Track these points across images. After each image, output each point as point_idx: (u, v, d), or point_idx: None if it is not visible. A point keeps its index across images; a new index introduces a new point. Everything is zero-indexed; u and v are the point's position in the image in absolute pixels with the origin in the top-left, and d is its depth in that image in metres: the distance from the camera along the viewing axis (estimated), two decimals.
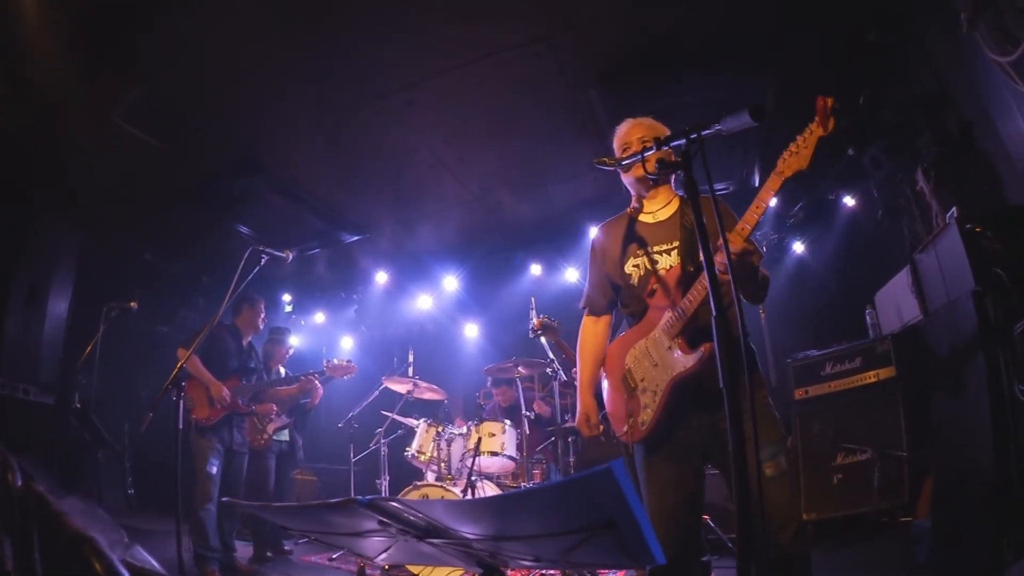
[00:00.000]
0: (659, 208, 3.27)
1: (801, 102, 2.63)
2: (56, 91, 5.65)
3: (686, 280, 2.93)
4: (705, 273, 2.23)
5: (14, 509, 1.31)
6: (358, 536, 1.90)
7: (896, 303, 5.93)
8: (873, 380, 5.68)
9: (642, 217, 3.32)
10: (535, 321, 5.40)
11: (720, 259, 2.40)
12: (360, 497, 1.57)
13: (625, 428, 3.13)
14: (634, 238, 3.25)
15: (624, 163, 2.68)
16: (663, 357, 2.98)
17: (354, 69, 5.82)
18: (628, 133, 3.31)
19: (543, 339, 5.54)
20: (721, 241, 2.45)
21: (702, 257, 2.20)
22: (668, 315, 2.97)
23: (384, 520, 1.64)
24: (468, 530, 1.64)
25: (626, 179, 3.35)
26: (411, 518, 1.64)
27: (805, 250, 8.50)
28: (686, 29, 5.57)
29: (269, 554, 6.82)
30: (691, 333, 2.88)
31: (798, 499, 2.75)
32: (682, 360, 2.88)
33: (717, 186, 7.22)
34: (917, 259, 5.11)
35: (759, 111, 2.13)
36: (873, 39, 5.56)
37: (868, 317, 6.50)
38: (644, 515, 1.35)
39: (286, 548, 7.14)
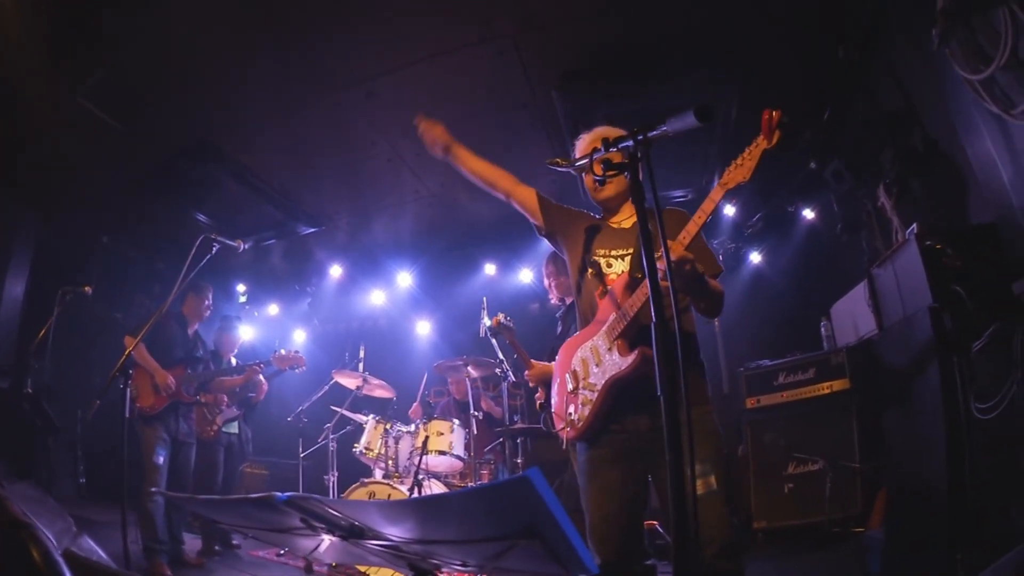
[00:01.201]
0: (626, 217, 3.30)
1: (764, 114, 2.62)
2: (16, 71, 5.56)
3: (633, 286, 2.95)
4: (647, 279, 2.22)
5: None
6: (286, 533, 1.86)
7: (852, 316, 5.98)
8: (827, 392, 5.73)
9: (610, 222, 3.35)
10: (489, 321, 5.38)
11: (662, 266, 2.40)
12: (279, 494, 1.53)
13: (563, 425, 3.17)
14: (596, 239, 3.28)
15: (577, 164, 2.65)
16: (602, 358, 3.01)
17: (316, 59, 5.76)
18: (586, 148, 3.31)
19: (495, 340, 5.53)
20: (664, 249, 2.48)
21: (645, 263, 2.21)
22: (612, 317, 3.00)
23: (306, 519, 1.61)
24: (393, 532, 1.61)
25: (593, 200, 3.42)
26: (333, 518, 1.60)
27: (762, 260, 8.56)
28: (652, 36, 5.56)
29: (217, 547, 6.71)
30: (631, 336, 2.91)
31: (728, 517, 2.76)
32: (619, 362, 2.91)
33: (676, 193, 7.32)
34: (875, 274, 5.15)
35: (704, 112, 2.12)
36: (842, 55, 5.60)
37: (823, 329, 6.56)
38: (568, 523, 1.32)
39: (234, 542, 7.04)
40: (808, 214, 7.56)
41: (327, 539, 1.77)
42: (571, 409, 3.15)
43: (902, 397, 4.50)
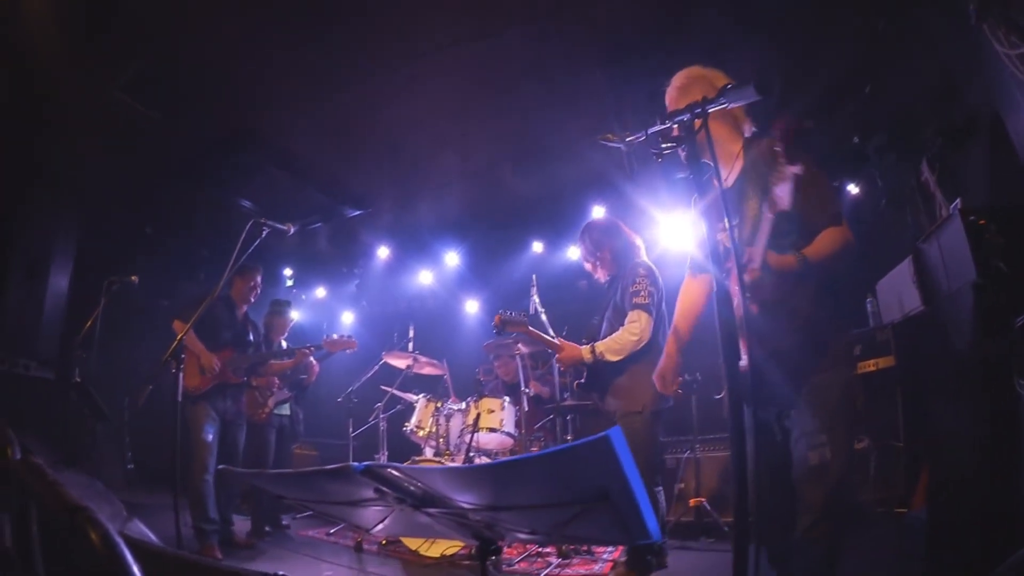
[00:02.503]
0: (727, 173, 3.14)
1: (808, 87, 2.62)
2: (56, 65, 5.64)
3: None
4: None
5: (13, 484, 1.30)
6: (354, 505, 1.88)
7: (897, 293, 5.91)
8: (872, 369, 5.67)
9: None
10: (537, 300, 5.35)
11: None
12: (355, 464, 1.56)
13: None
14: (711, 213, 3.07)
15: (628, 140, 2.62)
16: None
17: (355, 43, 5.77)
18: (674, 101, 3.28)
19: (544, 317, 5.44)
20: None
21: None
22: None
23: (380, 488, 1.64)
24: (464, 499, 1.63)
25: None
26: (407, 486, 1.63)
27: None
28: (694, 8, 5.52)
29: (267, 528, 6.82)
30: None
31: (831, 493, 2.71)
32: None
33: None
34: (920, 248, 5.09)
35: (764, 85, 2.12)
36: (881, 29, 5.54)
37: (869, 306, 6.48)
38: (640, 487, 1.34)
39: (284, 523, 7.16)
40: (853, 189, 7.45)
41: (397, 509, 1.81)
42: None
43: (946, 374, 4.45)
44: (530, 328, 5.00)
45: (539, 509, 1.57)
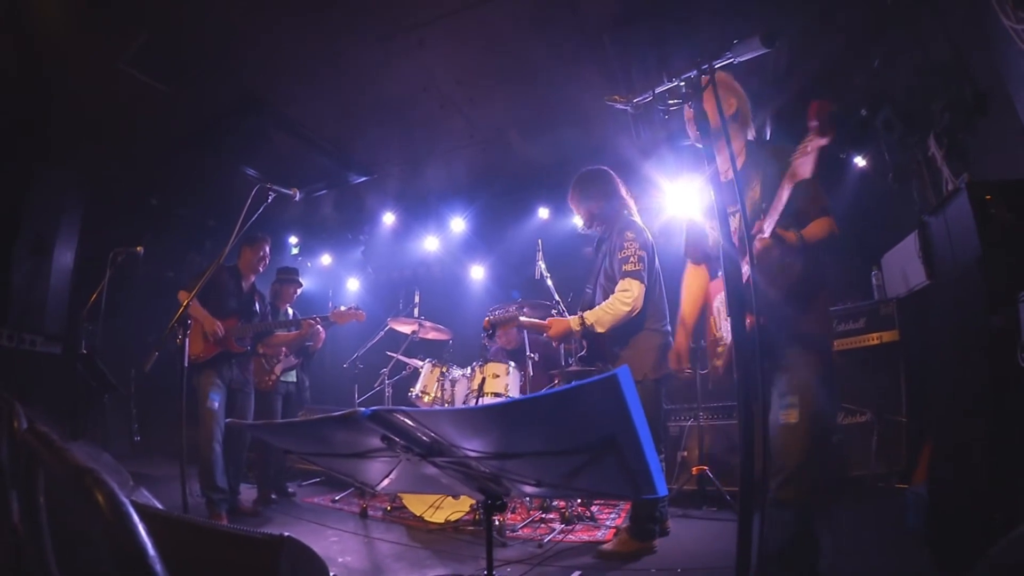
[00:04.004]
0: (726, 168, 3.31)
1: (815, 61, 2.62)
2: (61, 39, 5.64)
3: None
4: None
5: (20, 458, 1.32)
6: (361, 457, 1.89)
7: (902, 267, 5.91)
8: (876, 342, 5.68)
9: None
10: (543, 266, 5.30)
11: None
12: (363, 409, 1.57)
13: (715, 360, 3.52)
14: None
15: (635, 101, 2.63)
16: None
17: (363, 7, 5.70)
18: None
19: (550, 282, 5.40)
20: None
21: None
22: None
23: (387, 435, 1.64)
24: (472, 446, 1.63)
25: None
26: (416, 433, 1.64)
27: None
28: None
29: (273, 496, 6.87)
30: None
31: (803, 451, 2.94)
32: None
33: None
34: (926, 222, 5.07)
35: (770, 37, 2.14)
36: (891, 2, 5.51)
37: (874, 279, 6.49)
38: (646, 432, 1.34)
39: (290, 491, 7.21)
40: (860, 162, 7.39)
41: (404, 459, 1.81)
42: (718, 350, 3.44)
43: (950, 349, 4.45)
44: (520, 319, 5.01)
45: (546, 457, 1.58)
